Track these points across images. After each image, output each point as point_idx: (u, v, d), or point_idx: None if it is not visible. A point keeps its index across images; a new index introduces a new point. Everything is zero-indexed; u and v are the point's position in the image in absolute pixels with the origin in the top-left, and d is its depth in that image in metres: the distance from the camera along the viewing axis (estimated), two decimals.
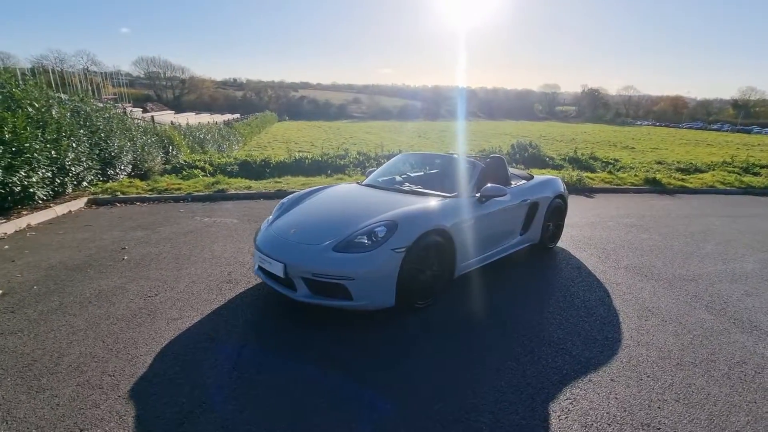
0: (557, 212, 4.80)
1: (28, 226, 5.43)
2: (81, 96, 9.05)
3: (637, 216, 6.91)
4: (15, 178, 5.54)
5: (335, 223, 3.20)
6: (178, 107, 65.28)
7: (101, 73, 63.51)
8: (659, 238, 5.49)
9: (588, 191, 9.20)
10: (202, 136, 18.51)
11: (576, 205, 7.33)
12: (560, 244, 5.02)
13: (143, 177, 9.49)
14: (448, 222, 3.27)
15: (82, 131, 7.62)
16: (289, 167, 11.04)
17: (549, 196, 4.56)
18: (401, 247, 2.89)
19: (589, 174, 10.63)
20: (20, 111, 6.22)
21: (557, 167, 12.37)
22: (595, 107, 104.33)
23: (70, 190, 7.16)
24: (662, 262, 4.53)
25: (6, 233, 5.05)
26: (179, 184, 8.65)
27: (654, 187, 9.83)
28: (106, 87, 67.44)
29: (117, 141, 8.81)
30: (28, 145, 5.84)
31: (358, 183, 4.45)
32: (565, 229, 5.12)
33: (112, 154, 8.66)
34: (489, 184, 3.75)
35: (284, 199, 3.92)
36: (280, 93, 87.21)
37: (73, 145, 7.09)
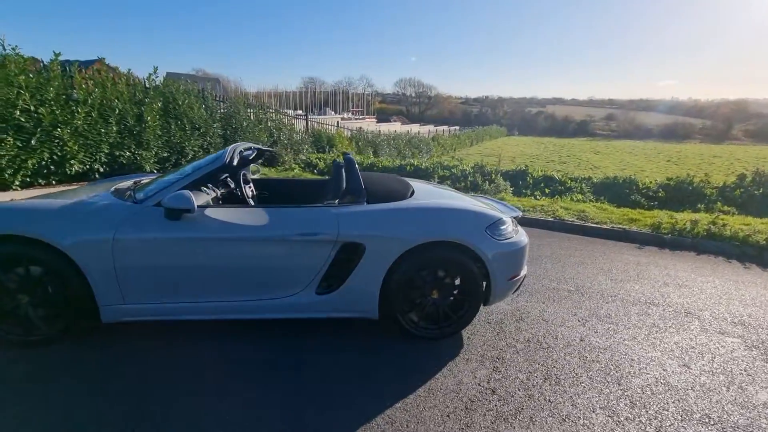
0: (463, 281, 2.68)
1: None
2: (262, 109, 13.14)
3: None
4: None
5: None
6: (422, 120, 73.73)
7: (368, 93, 78.81)
8: None
9: None
10: (378, 141, 20.10)
11: None
12: None
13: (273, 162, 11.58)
14: (57, 234, 2.25)
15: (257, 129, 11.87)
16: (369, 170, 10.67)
17: (410, 240, 2.52)
18: None
19: None
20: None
21: None
22: None
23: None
24: None
25: None
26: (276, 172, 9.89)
27: None
28: (374, 103, 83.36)
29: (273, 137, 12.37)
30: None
31: None
32: None
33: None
34: (182, 190, 2.34)
35: None
36: (516, 108, 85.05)
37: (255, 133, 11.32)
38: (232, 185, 3.48)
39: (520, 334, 2.89)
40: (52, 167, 7.12)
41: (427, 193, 3.02)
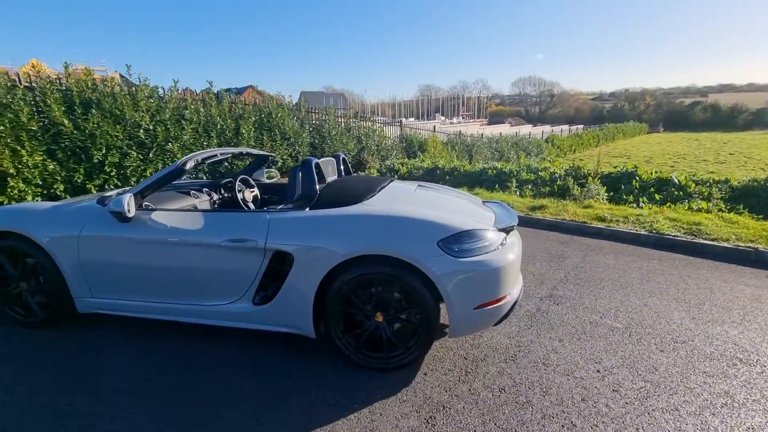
0: (411, 305, 2.22)
1: None
2: (351, 116, 13.78)
3: None
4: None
5: None
6: (542, 120, 68.31)
7: (484, 96, 76.43)
8: None
9: None
10: (477, 145, 19.14)
11: None
12: None
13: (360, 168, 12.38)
14: (37, 231, 2.52)
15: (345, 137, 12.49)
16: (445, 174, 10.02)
17: (342, 253, 2.17)
18: None
19: None
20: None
21: None
22: None
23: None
24: None
25: None
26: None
27: None
28: (489, 105, 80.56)
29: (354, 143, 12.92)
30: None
31: None
32: None
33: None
34: (127, 192, 2.40)
35: None
36: (663, 100, 71.53)
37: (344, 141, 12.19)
38: (224, 191, 3.59)
39: (497, 381, 2.25)
40: (189, 177, 8.52)
41: (389, 198, 2.59)
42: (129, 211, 2.36)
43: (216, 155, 3.08)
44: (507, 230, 2.47)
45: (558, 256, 4.47)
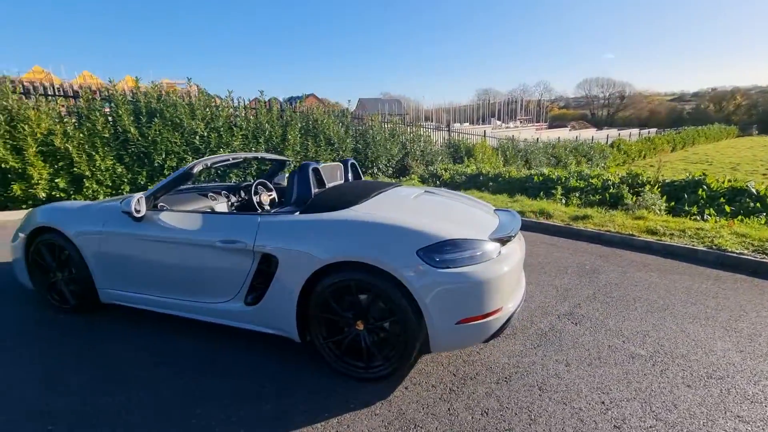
0: (390, 315, 2.14)
1: None
2: (396, 121, 13.72)
3: None
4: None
5: None
6: (611, 124, 63.75)
7: (545, 99, 73.11)
8: None
9: None
10: (531, 150, 18.27)
11: None
12: None
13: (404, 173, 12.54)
14: (68, 226, 2.79)
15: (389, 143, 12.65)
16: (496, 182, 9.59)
17: (322, 258, 2.15)
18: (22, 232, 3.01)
19: None
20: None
21: None
22: None
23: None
24: None
25: None
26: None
27: None
28: (551, 109, 76.63)
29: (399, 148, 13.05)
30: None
31: None
32: None
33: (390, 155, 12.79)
34: (134, 195, 2.57)
35: None
36: (759, 100, 63.01)
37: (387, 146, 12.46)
38: (244, 194, 3.73)
39: (482, 402, 2.08)
40: (216, 180, 9.12)
41: (380, 204, 2.50)
42: (137, 211, 2.55)
43: (228, 160, 3.22)
44: (504, 240, 2.29)
45: (592, 270, 4.09)
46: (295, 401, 2.09)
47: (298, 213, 2.42)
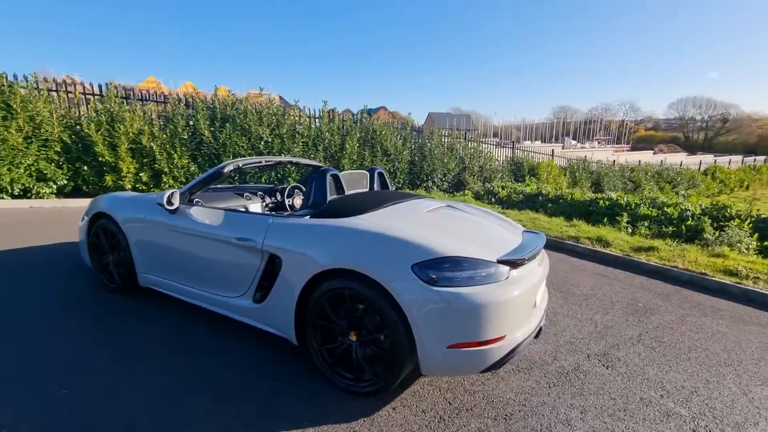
0: (381, 329, 2.06)
1: None
2: (456, 136, 13.85)
3: None
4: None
5: None
6: (709, 149, 57.05)
7: (630, 120, 67.67)
8: None
9: None
10: (604, 172, 16.90)
11: None
12: None
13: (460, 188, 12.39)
14: (118, 213, 3.10)
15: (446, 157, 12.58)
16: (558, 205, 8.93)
17: (322, 263, 2.13)
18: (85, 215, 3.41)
19: None
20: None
21: None
22: None
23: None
24: None
25: None
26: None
27: None
28: (637, 130, 70.45)
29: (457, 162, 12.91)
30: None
31: None
32: None
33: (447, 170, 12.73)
34: (167, 191, 2.77)
35: None
36: None
37: (445, 160, 12.43)
38: (279, 196, 3.88)
39: None
40: (275, 182, 9.67)
41: (391, 215, 2.42)
42: (170, 203, 2.77)
43: (261, 162, 3.38)
44: (517, 262, 2.10)
45: (645, 309, 3.61)
46: (284, 405, 2.08)
47: (308, 217, 2.45)
